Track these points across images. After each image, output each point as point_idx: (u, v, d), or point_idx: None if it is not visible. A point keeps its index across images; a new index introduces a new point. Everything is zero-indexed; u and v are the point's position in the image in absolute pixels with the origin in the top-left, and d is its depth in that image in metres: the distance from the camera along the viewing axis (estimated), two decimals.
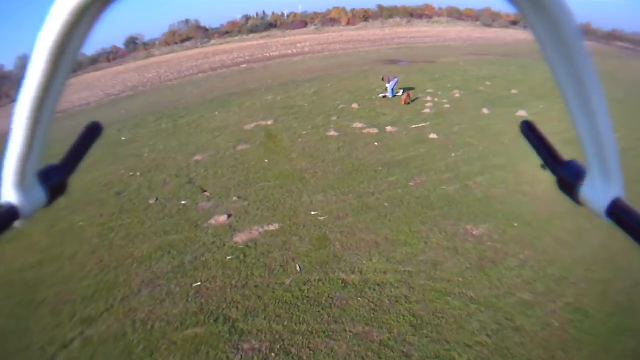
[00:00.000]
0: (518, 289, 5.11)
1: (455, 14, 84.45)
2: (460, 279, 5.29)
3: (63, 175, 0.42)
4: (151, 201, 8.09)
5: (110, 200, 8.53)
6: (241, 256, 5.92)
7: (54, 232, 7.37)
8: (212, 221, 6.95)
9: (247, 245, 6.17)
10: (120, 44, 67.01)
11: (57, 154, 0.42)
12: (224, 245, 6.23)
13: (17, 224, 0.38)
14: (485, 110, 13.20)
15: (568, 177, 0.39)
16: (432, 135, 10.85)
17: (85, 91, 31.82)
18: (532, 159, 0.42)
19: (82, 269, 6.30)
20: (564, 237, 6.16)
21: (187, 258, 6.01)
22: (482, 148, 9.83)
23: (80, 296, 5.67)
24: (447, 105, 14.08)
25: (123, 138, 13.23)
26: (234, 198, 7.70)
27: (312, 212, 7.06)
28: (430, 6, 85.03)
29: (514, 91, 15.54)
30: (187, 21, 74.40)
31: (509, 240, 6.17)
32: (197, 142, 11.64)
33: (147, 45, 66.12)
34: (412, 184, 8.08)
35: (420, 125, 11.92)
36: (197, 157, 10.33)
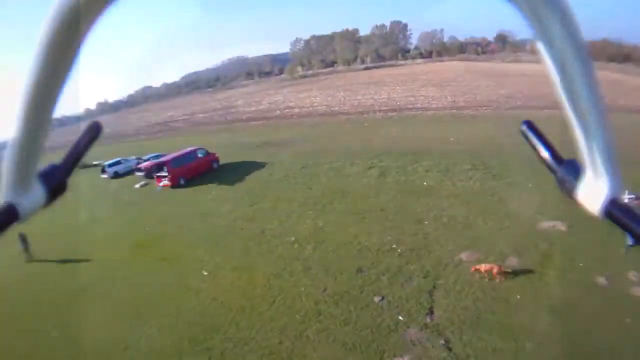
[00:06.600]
0: None
1: None
2: None
3: (63, 176, 0.42)
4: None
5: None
6: None
7: None
8: None
9: None
10: (491, 37, 65.30)
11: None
12: None
13: (16, 224, 0.37)
14: None
15: (567, 176, 0.39)
16: None
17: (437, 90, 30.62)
18: None
19: None
20: None
21: None
22: None
23: None
24: None
25: (425, 183, 13.50)
26: None
27: None
28: None
29: None
30: None
31: None
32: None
33: (515, 47, 62.43)
34: None
35: None
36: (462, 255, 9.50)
